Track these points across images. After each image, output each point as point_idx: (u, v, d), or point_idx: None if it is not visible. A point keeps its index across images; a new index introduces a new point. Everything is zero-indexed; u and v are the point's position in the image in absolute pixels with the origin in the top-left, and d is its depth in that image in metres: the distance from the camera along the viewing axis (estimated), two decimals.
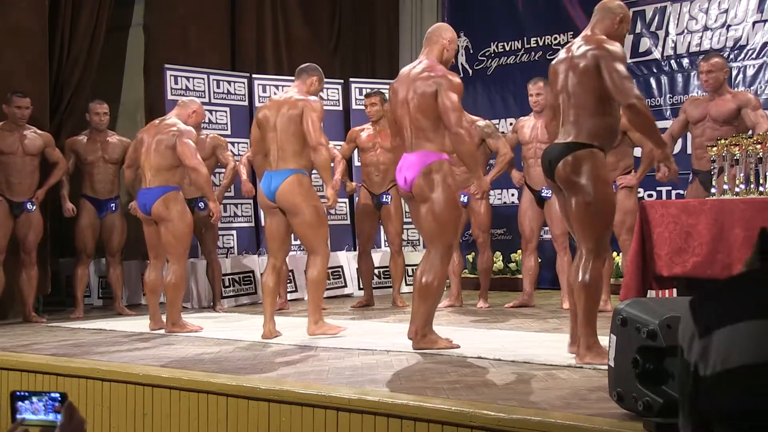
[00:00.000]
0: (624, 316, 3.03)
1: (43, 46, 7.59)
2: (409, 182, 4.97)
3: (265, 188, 5.73)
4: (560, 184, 4.35)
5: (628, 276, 4.99)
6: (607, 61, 4.24)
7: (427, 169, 4.91)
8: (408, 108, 5.01)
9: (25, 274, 7.09)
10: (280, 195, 5.65)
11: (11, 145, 7.06)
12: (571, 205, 4.32)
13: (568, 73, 4.38)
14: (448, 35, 5.16)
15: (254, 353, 5.14)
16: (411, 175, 4.95)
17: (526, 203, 7.32)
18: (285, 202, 5.67)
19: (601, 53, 4.27)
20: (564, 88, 4.40)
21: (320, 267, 5.66)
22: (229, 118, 8.65)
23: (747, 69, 7.87)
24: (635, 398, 2.94)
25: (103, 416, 4.49)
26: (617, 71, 4.22)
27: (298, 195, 5.63)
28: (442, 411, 3.38)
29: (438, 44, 5.12)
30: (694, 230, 4.73)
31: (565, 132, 4.37)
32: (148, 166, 6.29)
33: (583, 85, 4.30)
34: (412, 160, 4.97)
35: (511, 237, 9.08)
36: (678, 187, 7.67)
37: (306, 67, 5.97)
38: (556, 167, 4.32)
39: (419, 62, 5.13)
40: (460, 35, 9.72)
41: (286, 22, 9.74)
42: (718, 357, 1.13)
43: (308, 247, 5.77)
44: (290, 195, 5.63)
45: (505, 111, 9.39)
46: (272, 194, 5.69)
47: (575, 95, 4.33)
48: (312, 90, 5.87)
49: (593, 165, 4.27)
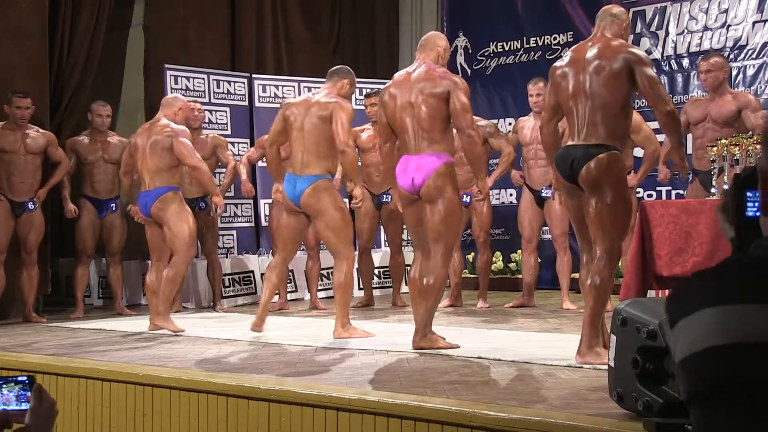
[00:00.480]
0: (624, 316, 3.03)
1: (43, 46, 7.59)
2: (418, 184, 4.96)
3: (289, 192, 5.72)
4: (583, 184, 4.34)
5: (628, 276, 4.99)
6: (641, 66, 4.31)
7: (438, 170, 4.92)
8: (413, 111, 5.00)
9: (25, 274, 7.09)
10: (306, 200, 5.66)
11: (13, 144, 7.05)
12: (591, 205, 4.34)
13: (587, 75, 4.38)
14: (442, 43, 5.22)
15: (254, 353, 5.14)
16: (421, 177, 4.94)
17: (526, 203, 7.32)
18: (310, 208, 5.68)
19: (633, 58, 4.33)
20: (582, 91, 4.39)
21: (346, 270, 5.66)
22: (229, 118, 8.65)
23: (747, 69, 7.87)
24: (635, 398, 2.94)
25: (103, 416, 4.49)
26: (652, 77, 4.31)
27: (324, 200, 5.64)
28: (442, 411, 3.38)
29: (434, 51, 5.15)
30: (694, 230, 4.74)
31: (586, 134, 4.37)
32: (146, 169, 6.25)
33: (611, 88, 4.32)
34: (421, 162, 4.96)
35: (509, 237, 9.08)
36: (678, 187, 7.68)
37: (338, 70, 5.91)
38: (579, 169, 4.32)
39: (418, 66, 5.13)
40: (458, 35, 9.74)
41: (286, 22, 9.74)
42: (680, 346, 1.25)
43: (333, 251, 5.78)
44: (315, 200, 5.64)
45: (503, 111, 9.39)
46: (297, 198, 5.69)
47: (600, 97, 4.34)
48: (343, 93, 5.81)
49: (618, 167, 4.34)
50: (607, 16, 4.54)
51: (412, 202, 5.06)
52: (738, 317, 1.21)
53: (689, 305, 1.26)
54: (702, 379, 1.24)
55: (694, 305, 1.25)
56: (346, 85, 5.84)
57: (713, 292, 1.24)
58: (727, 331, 1.21)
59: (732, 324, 1.21)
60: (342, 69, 5.93)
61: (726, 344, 1.21)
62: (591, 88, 4.36)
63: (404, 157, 5.07)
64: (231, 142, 8.30)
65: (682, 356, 1.26)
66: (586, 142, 4.35)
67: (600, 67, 4.35)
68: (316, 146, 5.65)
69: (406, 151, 5.07)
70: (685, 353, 1.25)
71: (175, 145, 6.20)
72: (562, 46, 8.96)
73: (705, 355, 1.22)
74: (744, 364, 1.19)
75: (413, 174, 4.96)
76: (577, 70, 4.42)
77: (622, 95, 4.34)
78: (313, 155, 5.66)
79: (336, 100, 5.67)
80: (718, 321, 1.22)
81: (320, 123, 5.63)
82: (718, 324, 1.22)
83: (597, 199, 4.30)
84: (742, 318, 1.20)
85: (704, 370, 1.23)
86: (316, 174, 5.66)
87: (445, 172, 4.93)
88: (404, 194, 5.09)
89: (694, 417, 1.26)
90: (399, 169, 5.07)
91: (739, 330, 1.20)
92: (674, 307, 1.29)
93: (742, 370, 1.20)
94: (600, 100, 4.34)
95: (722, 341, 1.21)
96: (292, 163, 5.77)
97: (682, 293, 1.30)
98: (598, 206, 4.30)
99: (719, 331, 1.21)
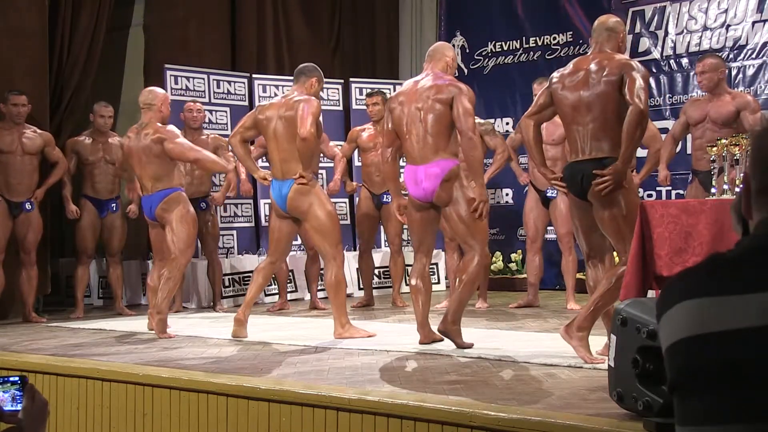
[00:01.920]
0: (624, 316, 3.03)
1: (43, 46, 7.58)
2: (430, 192, 5.08)
3: (276, 197, 5.77)
4: (593, 199, 4.41)
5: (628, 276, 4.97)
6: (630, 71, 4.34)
7: (446, 176, 5.05)
8: (420, 118, 5.11)
9: (24, 274, 7.08)
10: (290, 203, 5.69)
11: (10, 145, 7.05)
12: (606, 217, 4.40)
13: (589, 93, 4.40)
14: (450, 53, 5.32)
15: (254, 353, 5.14)
16: (431, 185, 5.07)
17: (532, 203, 7.34)
18: (296, 210, 5.71)
19: (627, 68, 4.35)
20: (584, 107, 4.42)
21: (336, 270, 5.68)
22: (229, 118, 8.64)
23: (747, 69, 7.87)
24: (635, 398, 2.94)
25: (103, 416, 4.49)
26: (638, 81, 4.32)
27: (308, 201, 5.66)
28: (442, 411, 3.38)
29: (441, 61, 5.25)
30: (694, 230, 4.73)
31: (591, 148, 4.42)
32: (145, 175, 6.19)
33: (613, 102, 4.36)
34: (429, 171, 5.07)
35: (504, 237, 9.08)
36: (678, 188, 7.68)
37: (303, 69, 5.91)
38: (589, 184, 4.37)
39: (425, 75, 5.23)
40: (455, 35, 9.73)
41: (287, 22, 9.73)
42: (662, 339, 1.36)
43: (322, 252, 5.81)
44: (300, 202, 5.67)
45: (501, 111, 9.38)
46: (283, 202, 5.72)
47: (602, 113, 4.38)
48: (312, 92, 5.81)
49: (628, 178, 4.41)
50: (603, 31, 4.56)
51: (428, 209, 5.21)
52: (705, 309, 1.30)
53: (670, 300, 1.35)
54: (675, 369, 1.33)
55: (673, 300, 1.35)
56: (315, 84, 5.84)
57: (686, 288, 1.34)
58: (695, 323, 1.31)
59: (699, 316, 1.31)
60: (307, 68, 5.92)
61: (693, 335, 1.30)
62: (593, 105, 4.41)
63: (410, 167, 5.18)
64: None
65: (663, 349, 1.36)
66: (593, 156, 4.41)
67: (600, 83, 4.39)
68: (292, 151, 5.67)
69: (411, 160, 5.18)
70: (664, 346, 1.35)
71: (169, 150, 6.08)
72: (561, 46, 8.96)
73: (678, 346, 1.32)
74: (709, 352, 1.28)
75: (424, 184, 5.10)
76: (578, 86, 4.45)
77: (624, 107, 4.37)
78: (291, 161, 5.69)
79: (302, 98, 5.68)
80: (688, 314, 1.32)
81: (291, 126, 5.65)
82: (688, 316, 1.32)
83: (613, 211, 4.37)
84: (708, 310, 1.30)
85: (677, 359, 1.33)
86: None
87: (454, 176, 5.07)
88: (417, 203, 5.21)
89: (674, 406, 1.35)
90: (408, 180, 5.19)
91: (704, 321, 1.30)
92: (659, 303, 1.39)
93: (707, 357, 1.29)
94: (602, 116, 4.39)
95: (690, 332, 1.31)
96: (273, 170, 5.82)
97: (666, 290, 1.39)
98: (615, 217, 4.37)
99: (689, 323, 1.31)
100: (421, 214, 5.24)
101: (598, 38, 4.56)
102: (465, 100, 5.03)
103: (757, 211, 1.38)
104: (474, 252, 5.11)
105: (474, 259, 5.11)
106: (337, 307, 5.66)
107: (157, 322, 6.01)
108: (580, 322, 4.38)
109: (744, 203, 1.41)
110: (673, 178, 6.70)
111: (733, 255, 1.35)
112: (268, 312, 7.54)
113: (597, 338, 4.53)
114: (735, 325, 1.27)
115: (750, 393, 1.24)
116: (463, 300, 5.14)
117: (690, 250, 4.77)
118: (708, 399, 1.28)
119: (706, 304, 1.30)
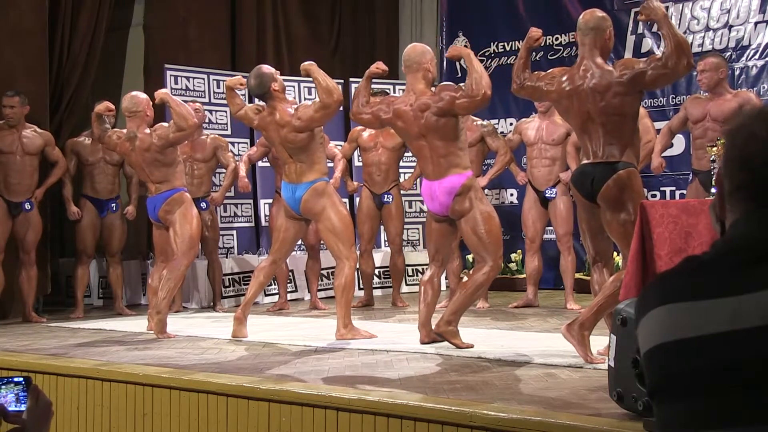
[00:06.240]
0: (624, 316, 3.03)
1: (43, 46, 7.58)
2: (445, 207, 5.18)
3: (289, 200, 5.81)
4: (603, 202, 4.41)
5: (628, 276, 4.97)
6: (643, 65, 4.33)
7: (459, 191, 5.12)
8: (426, 139, 5.17)
9: (24, 274, 7.08)
10: (305, 205, 5.75)
11: (10, 145, 7.04)
12: (615, 220, 4.40)
13: (596, 103, 4.38)
14: (426, 58, 5.28)
15: (254, 353, 5.14)
16: (446, 200, 5.16)
17: (530, 203, 7.34)
18: (309, 212, 5.77)
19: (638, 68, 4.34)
20: (595, 115, 4.40)
21: (348, 272, 5.68)
22: (229, 118, 8.63)
23: (749, 69, 7.86)
24: (635, 398, 2.94)
25: (103, 416, 4.49)
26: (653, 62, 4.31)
27: (322, 203, 5.71)
28: (442, 411, 3.38)
29: (420, 71, 5.25)
30: (694, 230, 4.73)
31: (603, 153, 4.41)
32: (148, 179, 6.25)
33: (624, 108, 4.37)
34: (443, 186, 5.15)
35: (509, 237, 9.06)
36: (680, 188, 7.67)
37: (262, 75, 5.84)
38: (599, 187, 4.38)
39: (410, 94, 5.23)
40: (458, 35, 9.72)
41: (287, 21, 9.73)
42: (640, 344, 1.35)
43: (333, 253, 5.83)
44: (313, 204, 5.72)
45: (504, 111, 9.37)
46: (296, 205, 5.78)
47: (612, 121, 4.38)
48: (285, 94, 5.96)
49: (638, 182, 4.44)
50: (589, 31, 4.47)
51: (442, 221, 5.29)
52: (679, 314, 1.29)
53: (645, 306, 1.34)
54: (653, 375, 1.32)
55: (648, 306, 1.33)
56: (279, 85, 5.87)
57: (661, 292, 1.33)
58: (670, 329, 1.29)
59: (673, 321, 1.29)
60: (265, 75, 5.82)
61: (669, 341, 1.29)
62: (602, 114, 4.39)
63: (426, 183, 5.26)
64: (231, 142, 8.29)
65: (641, 354, 1.35)
66: (604, 160, 4.41)
67: (608, 94, 4.35)
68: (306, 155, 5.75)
69: (426, 175, 5.27)
70: (642, 351, 1.34)
71: (157, 140, 6.10)
72: (563, 47, 8.95)
73: (654, 352, 1.31)
74: (684, 358, 1.27)
75: (440, 199, 5.18)
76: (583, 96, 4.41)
77: (633, 110, 4.41)
78: (305, 164, 5.76)
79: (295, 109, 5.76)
80: (662, 319, 1.31)
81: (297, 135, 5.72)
82: (662, 322, 1.30)
83: (621, 215, 4.37)
84: (682, 315, 1.29)
85: (654, 365, 1.32)
86: (312, 179, 5.74)
87: (466, 190, 5.13)
88: (436, 216, 5.31)
89: (654, 412, 1.34)
90: (425, 195, 5.30)
91: (680, 326, 1.28)
92: (636, 309, 1.38)
93: (683, 363, 1.28)
94: (611, 123, 4.39)
95: (666, 338, 1.30)
96: (287, 174, 5.83)
97: (642, 295, 1.38)
98: (624, 222, 4.37)
99: (663, 329, 1.30)
100: (439, 226, 5.33)
101: (584, 39, 4.50)
102: (459, 90, 5.09)
103: (730, 211, 1.36)
104: (485, 263, 5.15)
105: (484, 267, 5.15)
106: (343, 307, 5.67)
107: (156, 321, 6.00)
108: (583, 321, 4.37)
109: (719, 204, 1.39)
110: (673, 178, 6.69)
111: (707, 258, 1.34)
112: (268, 312, 7.53)
113: (598, 338, 4.52)
114: (709, 330, 1.25)
115: (725, 399, 1.23)
116: (463, 304, 5.15)
117: (690, 250, 4.76)
118: (685, 405, 1.27)
119: (680, 310, 1.29)
